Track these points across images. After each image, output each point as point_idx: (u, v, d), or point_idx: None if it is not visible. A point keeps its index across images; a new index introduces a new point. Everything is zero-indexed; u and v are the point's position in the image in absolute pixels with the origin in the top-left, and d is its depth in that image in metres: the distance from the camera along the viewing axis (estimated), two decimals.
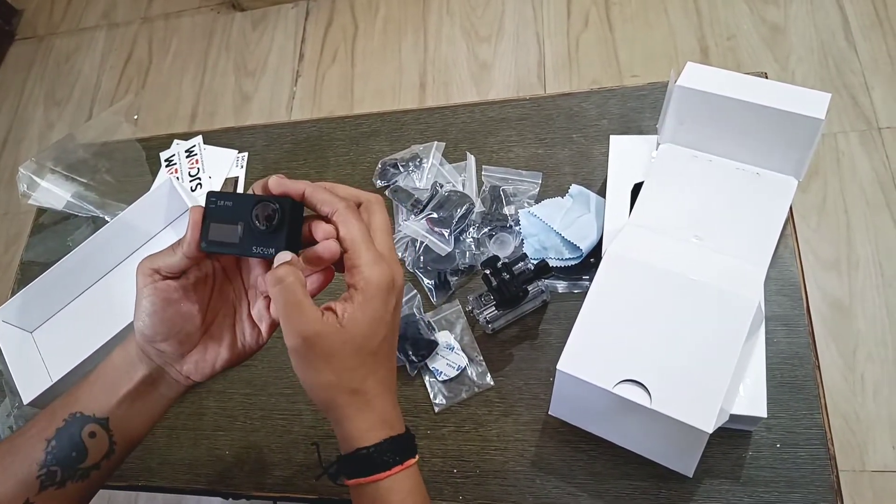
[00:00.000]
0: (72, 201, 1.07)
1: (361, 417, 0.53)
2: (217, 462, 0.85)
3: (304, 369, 0.52)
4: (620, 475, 0.72)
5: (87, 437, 0.54)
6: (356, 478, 0.53)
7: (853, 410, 1.44)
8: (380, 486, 0.52)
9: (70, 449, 0.54)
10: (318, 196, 0.53)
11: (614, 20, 2.06)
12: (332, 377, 0.51)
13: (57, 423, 0.54)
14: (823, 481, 0.67)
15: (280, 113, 2.24)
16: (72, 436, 0.54)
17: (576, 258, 0.81)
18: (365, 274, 0.51)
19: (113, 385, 0.55)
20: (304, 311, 0.50)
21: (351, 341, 0.51)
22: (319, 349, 0.50)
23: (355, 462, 0.53)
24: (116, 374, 0.56)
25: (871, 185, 1.64)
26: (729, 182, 0.76)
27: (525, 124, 0.95)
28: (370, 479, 0.52)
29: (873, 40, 1.81)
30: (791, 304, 0.76)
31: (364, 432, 0.53)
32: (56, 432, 0.54)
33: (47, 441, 0.53)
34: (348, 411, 0.53)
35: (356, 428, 0.53)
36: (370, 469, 0.53)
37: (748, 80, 0.75)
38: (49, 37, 2.72)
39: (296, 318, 0.50)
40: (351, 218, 0.52)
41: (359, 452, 0.52)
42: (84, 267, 0.98)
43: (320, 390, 0.52)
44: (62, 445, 0.53)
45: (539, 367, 0.79)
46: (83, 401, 0.55)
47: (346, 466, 0.54)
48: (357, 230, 0.52)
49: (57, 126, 2.48)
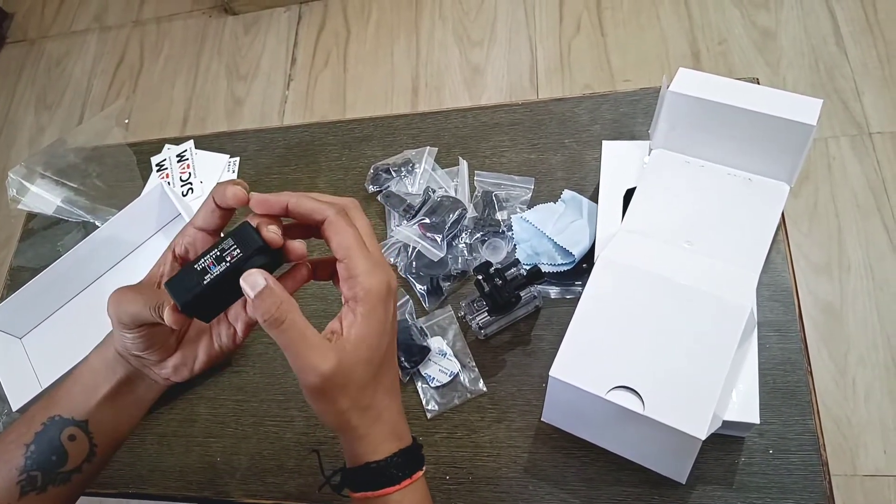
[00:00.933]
0: (62, 206, 1.06)
1: (374, 433, 0.52)
2: (208, 469, 0.84)
3: (321, 403, 0.50)
4: (613, 481, 0.72)
5: (66, 440, 0.54)
6: (363, 491, 0.52)
7: (845, 415, 1.44)
8: (388, 500, 0.52)
9: (50, 453, 0.53)
10: (305, 205, 0.50)
11: (606, 25, 2.06)
12: (348, 402, 0.50)
13: (35, 428, 0.53)
14: (816, 487, 0.67)
15: (272, 117, 2.24)
16: (51, 439, 0.53)
17: (568, 264, 0.80)
18: (364, 284, 0.49)
19: (91, 387, 0.55)
20: (314, 346, 0.48)
21: (362, 360, 0.49)
22: (338, 379, 0.48)
23: (364, 475, 0.52)
24: (94, 377, 0.55)
25: (861, 189, 1.65)
26: (721, 187, 0.76)
27: (517, 129, 0.95)
28: (378, 494, 0.51)
29: (863, 45, 1.82)
30: (783, 309, 0.76)
31: (375, 447, 0.52)
32: (35, 437, 0.53)
33: (26, 446, 0.53)
34: (361, 430, 0.51)
35: (368, 444, 0.52)
36: (379, 483, 0.52)
37: (740, 85, 0.75)
38: (40, 40, 2.71)
39: (308, 356, 0.48)
40: (343, 225, 0.49)
41: (368, 466, 0.52)
42: (74, 272, 0.97)
43: (336, 416, 0.51)
44: (41, 450, 0.53)
45: (532, 373, 0.79)
46: (62, 404, 0.54)
47: (353, 479, 0.53)
48: (351, 237, 0.49)
49: (48, 130, 2.47)
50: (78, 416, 0.54)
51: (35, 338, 0.98)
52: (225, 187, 0.49)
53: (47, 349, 0.97)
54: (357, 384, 0.50)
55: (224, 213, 0.51)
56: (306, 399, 0.51)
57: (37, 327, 0.99)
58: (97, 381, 0.55)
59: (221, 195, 0.49)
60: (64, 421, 0.54)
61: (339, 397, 0.49)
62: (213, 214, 0.51)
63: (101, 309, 0.49)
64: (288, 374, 0.87)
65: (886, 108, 1.73)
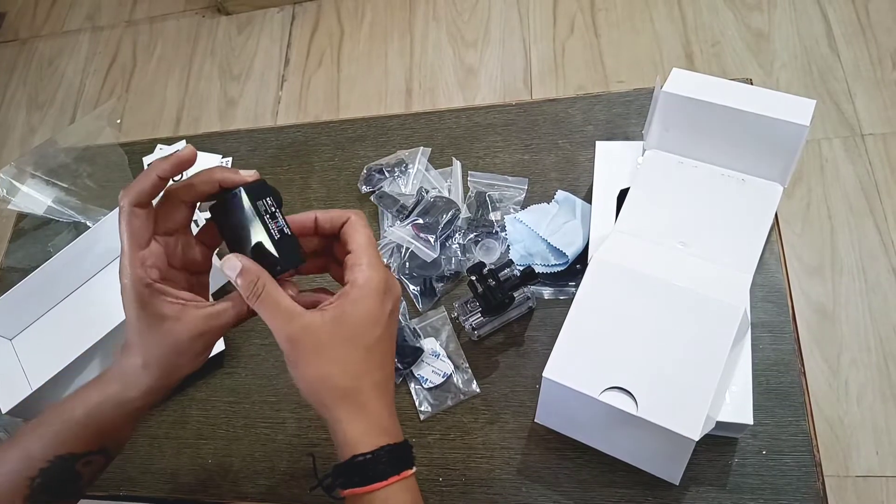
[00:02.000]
0: (53, 206, 1.06)
1: (356, 421, 0.52)
2: (200, 471, 0.84)
3: (292, 368, 0.52)
4: (607, 483, 0.71)
5: (82, 467, 0.54)
6: (351, 488, 0.52)
7: (837, 416, 1.44)
8: (375, 497, 0.51)
9: (61, 479, 0.53)
10: (331, 214, 0.56)
11: (600, 26, 2.06)
12: (321, 371, 0.52)
13: (40, 464, 0.53)
14: (809, 488, 0.67)
15: (265, 117, 2.23)
16: (64, 470, 0.53)
17: (562, 264, 0.80)
18: (366, 272, 0.53)
19: (106, 427, 0.55)
20: (285, 311, 0.51)
21: (340, 334, 0.52)
22: (306, 344, 0.51)
23: (350, 470, 0.52)
24: (106, 418, 0.54)
25: (854, 190, 1.66)
26: (714, 188, 0.76)
27: (511, 130, 0.95)
28: (365, 490, 0.51)
29: (856, 47, 1.83)
30: (777, 310, 0.76)
31: (359, 437, 0.52)
32: (40, 472, 0.53)
33: (31, 479, 0.53)
34: (341, 413, 0.52)
35: (351, 432, 0.52)
36: (365, 478, 0.52)
37: (733, 86, 0.75)
38: (32, 40, 2.70)
39: (277, 318, 0.51)
40: (361, 226, 0.55)
41: (354, 460, 0.52)
42: (65, 273, 0.96)
43: (312, 384, 0.52)
44: (50, 477, 0.53)
45: (525, 375, 0.79)
46: (70, 443, 0.54)
47: (341, 475, 0.53)
48: (365, 237, 0.55)
49: (39, 130, 2.46)
50: (94, 449, 0.55)
51: (25, 339, 0.97)
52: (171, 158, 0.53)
53: (38, 351, 0.96)
54: (331, 356, 0.52)
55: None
56: (289, 370, 0.53)
57: (27, 328, 0.98)
58: (111, 420, 0.54)
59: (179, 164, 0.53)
60: (75, 456, 0.54)
61: (311, 361, 0.52)
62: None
63: (91, 310, 0.48)
64: (280, 376, 0.87)
65: (878, 110, 1.74)
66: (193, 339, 0.53)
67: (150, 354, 0.52)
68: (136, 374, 0.53)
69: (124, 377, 0.54)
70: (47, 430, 0.54)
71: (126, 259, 0.51)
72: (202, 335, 0.53)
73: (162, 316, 0.52)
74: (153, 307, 0.51)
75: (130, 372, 0.53)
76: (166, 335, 0.52)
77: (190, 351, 0.53)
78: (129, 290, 0.51)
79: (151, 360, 0.53)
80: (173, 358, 0.53)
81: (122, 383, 0.54)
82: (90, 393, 0.54)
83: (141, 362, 0.53)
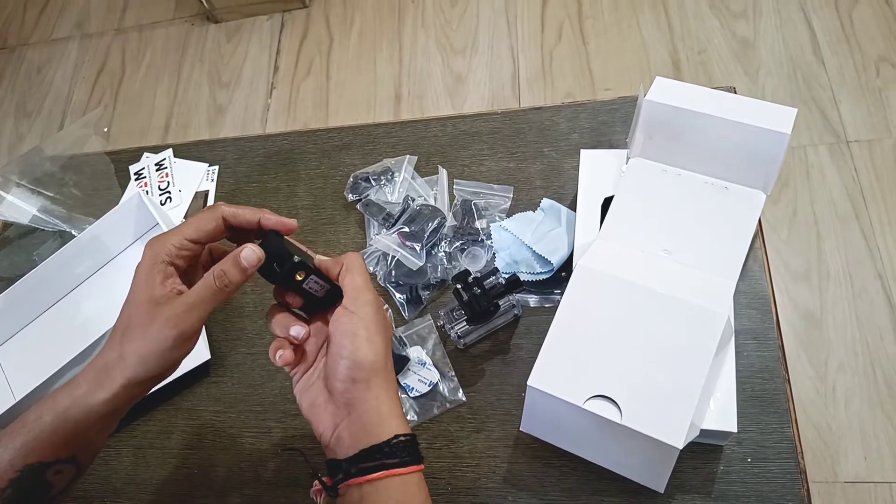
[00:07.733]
0: (38, 215, 1.05)
1: (387, 397, 0.55)
2: (184, 481, 0.83)
3: (352, 340, 0.56)
4: (592, 491, 0.71)
5: (52, 476, 0.53)
6: (379, 472, 0.53)
7: (825, 421, 1.45)
8: (408, 479, 0.54)
9: (31, 488, 0.52)
10: (333, 259, 0.60)
11: (587, 34, 2.07)
12: (372, 346, 0.56)
13: (10, 475, 0.52)
14: (794, 495, 0.67)
15: (254, 125, 2.23)
16: (33, 479, 0.52)
17: (547, 272, 0.80)
18: (356, 281, 0.58)
19: (75, 433, 0.54)
20: None
21: (367, 315, 0.56)
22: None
23: (396, 449, 0.53)
24: (76, 422, 0.54)
25: (840, 197, 1.67)
26: (698, 196, 0.76)
27: (497, 138, 0.95)
28: (405, 471, 0.53)
29: (840, 55, 1.84)
30: (761, 317, 0.76)
31: (386, 418, 0.54)
32: (10, 482, 0.52)
33: (1, 490, 0.51)
34: (378, 391, 0.55)
35: (382, 409, 0.55)
36: (408, 459, 0.54)
37: (716, 94, 0.76)
38: (20, 47, 2.69)
39: None
40: (357, 266, 0.59)
41: (397, 439, 0.54)
42: (50, 282, 0.96)
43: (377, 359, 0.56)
44: (21, 489, 0.52)
45: (511, 383, 0.79)
46: (39, 451, 0.53)
47: (377, 456, 0.54)
48: (361, 276, 0.59)
49: (27, 138, 2.44)
50: (64, 457, 0.54)
51: (9, 349, 0.97)
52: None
53: (22, 361, 0.95)
54: (371, 336, 0.56)
55: None
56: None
57: (11, 338, 0.97)
58: (82, 428, 0.54)
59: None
60: (45, 465, 0.53)
61: (361, 343, 0.57)
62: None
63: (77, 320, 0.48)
64: (265, 384, 0.86)
65: (863, 117, 1.75)
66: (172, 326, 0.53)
67: (132, 336, 0.53)
68: (108, 371, 0.53)
69: (96, 377, 0.53)
70: (16, 439, 0.53)
71: (173, 234, 0.54)
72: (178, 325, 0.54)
73: (160, 295, 0.53)
74: (162, 286, 0.53)
75: (102, 369, 0.53)
76: (156, 316, 0.53)
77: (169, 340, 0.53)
78: (150, 259, 0.54)
79: (129, 347, 0.53)
80: (153, 345, 0.53)
81: (92, 384, 0.53)
82: (58, 398, 0.53)
83: (117, 354, 0.53)
